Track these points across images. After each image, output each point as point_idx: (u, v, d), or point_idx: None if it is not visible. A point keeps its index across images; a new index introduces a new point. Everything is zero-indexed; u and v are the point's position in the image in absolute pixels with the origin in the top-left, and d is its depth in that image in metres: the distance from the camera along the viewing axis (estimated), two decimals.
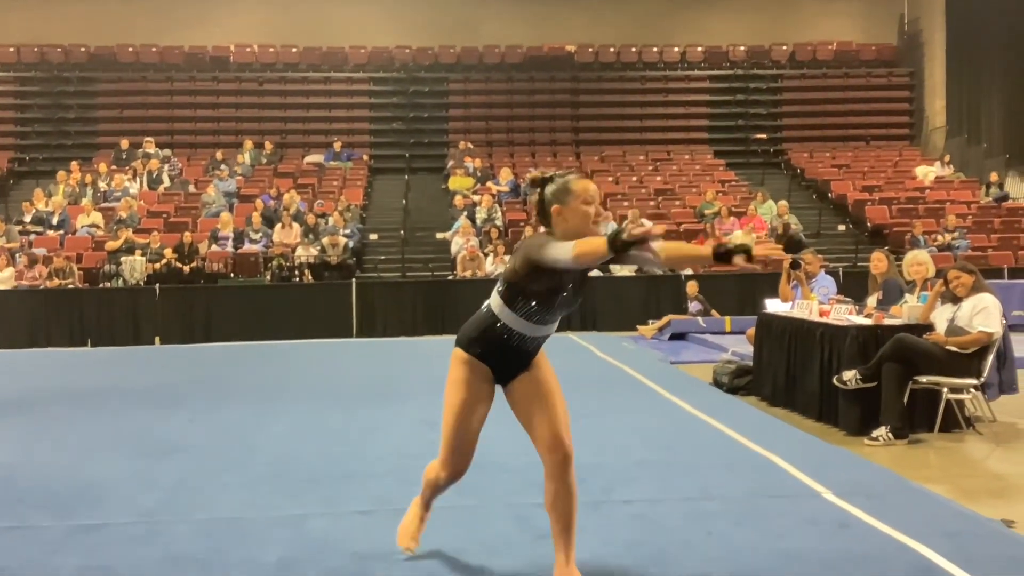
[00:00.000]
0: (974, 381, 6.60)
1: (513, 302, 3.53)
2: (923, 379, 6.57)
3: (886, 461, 5.87)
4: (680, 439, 6.46)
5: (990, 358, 6.63)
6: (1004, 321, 6.81)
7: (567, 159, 22.54)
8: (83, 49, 22.89)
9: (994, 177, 20.08)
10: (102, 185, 19.17)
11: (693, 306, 14.43)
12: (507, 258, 16.18)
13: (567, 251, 3.26)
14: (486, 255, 16.39)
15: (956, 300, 6.72)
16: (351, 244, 16.86)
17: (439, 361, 13.20)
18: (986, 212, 19.05)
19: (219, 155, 20.78)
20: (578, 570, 3.56)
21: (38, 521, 4.69)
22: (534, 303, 3.52)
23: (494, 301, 3.60)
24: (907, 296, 7.43)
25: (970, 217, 18.61)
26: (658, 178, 21.15)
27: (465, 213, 18.08)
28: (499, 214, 18.30)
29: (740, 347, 10.30)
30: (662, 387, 8.70)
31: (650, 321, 14.29)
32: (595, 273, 16.00)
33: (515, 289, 3.52)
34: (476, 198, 18.96)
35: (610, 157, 22.54)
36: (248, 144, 21.36)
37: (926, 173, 20.97)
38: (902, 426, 6.50)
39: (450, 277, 16.32)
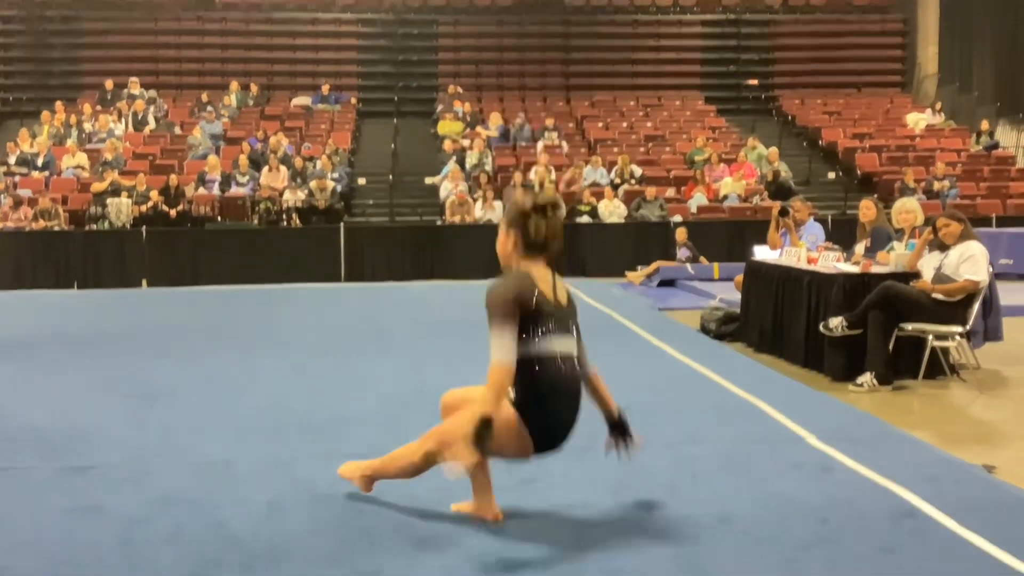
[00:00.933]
0: (959, 329, 6.64)
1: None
2: (909, 326, 6.61)
3: (870, 407, 5.92)
4: (667, 385, 6.51)
5: (976, 306, 6.67)
6: (991, 269, 6.84)
7: (557, 104, 22.37)
8: None
9: (985, 126, 20.03)
10: (87, 126, 18.95)
11: (682, 253, 14.44)
12: (496, 204, 16.15)
13: (492, 365, 3.40)
14: (475, 200, 16.32)
15: (944, 248, 6.73)
16: (339, 188, 16.76)
17: (427, 305, 13.26)
18: (976, 160, 19.04)
19: (205, 97, 20.54)
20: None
21: (26, 462, 4.71)
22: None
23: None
24: (895, 244, 7.44)
25: (959, 165, 18.60)
26: (649, 124, 21.02)
27: (454, 158, 17.96)
28: (489, 159, 18.19)
29: (728, 294, 10.33)
30: (650, 333, 8.73)
31: (639, 267, 14.30)
32: (584, 220, 16.01)
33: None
34: (465, 143, 18.82)
35: (600, 102, 22.37)
36: (234, 86, 21.09)
37: (917, 121, 20.90)
38: (886, 373, 6.55)
39: (439, 222, 16.27)
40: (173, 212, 15.64)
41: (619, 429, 3.79)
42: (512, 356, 3.40)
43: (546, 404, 3.51)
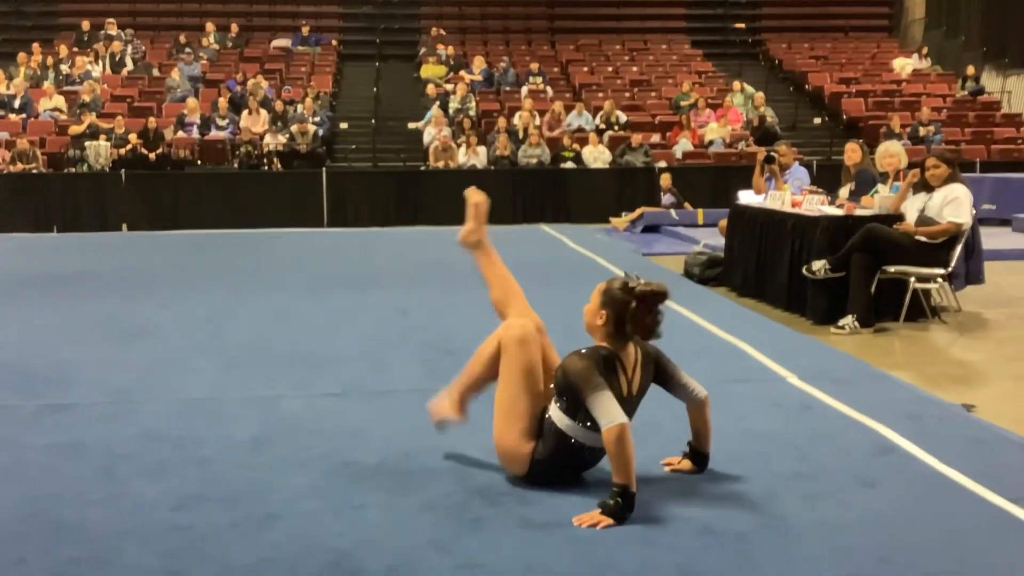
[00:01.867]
0: (941, 271, 6.66)
1: (575, 414, 3.33)
2: (891, 269, 6.63)
3: (851, 349, 5.96)
4: None
5: (958, 248, 6.68)
6: (974, 211, 6.85)
7: (541, 48, 22.12)
8: None
9: (971, 71, 19.95)
10: (64, 68, 18.62)
11: (666, 198, 14.40)
12: (480, 149, 16.02)
13: (607, 435, 3.15)
14: (459, 146, 16.19)
15: (929, 189, 6.73)
16: (321, 132, 16.59)
17: (411, 250, 13.21)
18: (961, 106, 18.99)
19: (183, 38, 20.18)
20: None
21: (7, 401, 4.69)
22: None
23: (557, 417, 3.37)
24: (879, 187, 7.44)
25: (945, 111, 18.56)
26: (634, 68, 20.83)
27: (437, 103, 17.77)
28: (472, 104, 18.01)
29: (712, 239, 10.32)
30: None
31: (623, 213, 14.27)
32: (568, 165, 15.93)
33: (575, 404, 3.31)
34: (449, 87, 18.62)
35: (585, 47, 22.13)
36: (210, 27, 20.72)
37: (903, 66, 20.80)
38: (868, 315, 6.58)
39: (422, 168, 16.14)
40: (152, 155, 15.45)
41: (696, 462, 3.62)
42: (622, 415, 3.15)
43: (554, 473, 3.43)
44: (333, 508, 3.26)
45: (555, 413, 3.38)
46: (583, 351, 3.31)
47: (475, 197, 3.95)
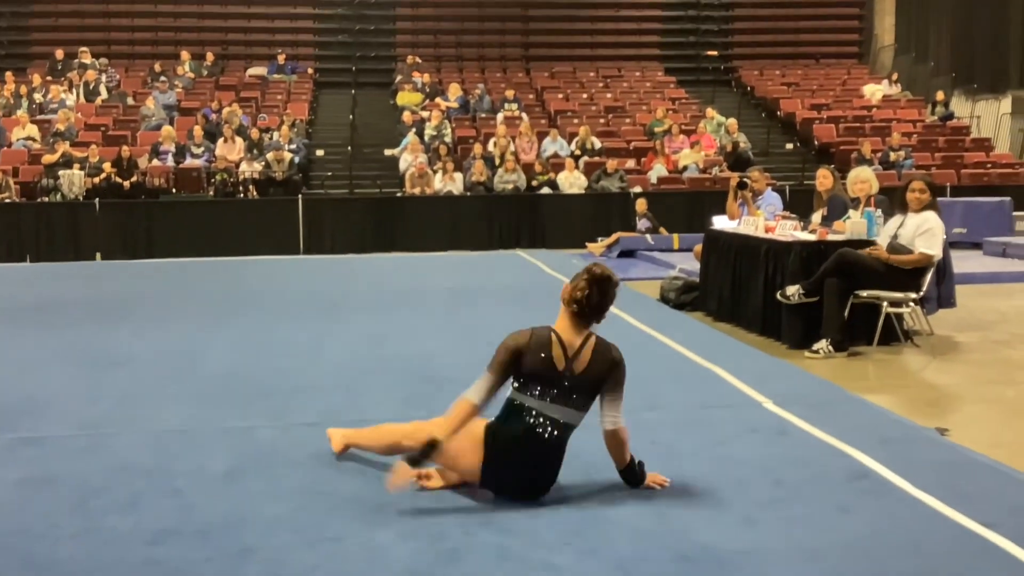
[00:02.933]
0: (914, 295, 6.73)
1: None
2: (864, 293, 6.69)
3: (826, 373, 6.00)
4: (626, 353, 6.46)
5: (930, 274, 6.76)
6: (944, 238, 6.93)
7: (517, 75, 22.26)
8: None
9: (940, 96, 20.26)
10: (37, 97, 18.54)
11: (642, 223, 14.49)
12: (456, 175, 16.06)
13: (459, 399, 3.57)
14: (435, 172, 16.23)
15: (904, 211, 6.80)
16: (297, 160, 16.58)
17: (387, 277, 13.16)
18: (931, 131, 19.26)
19: (158, 67, 20.16)
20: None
21: None
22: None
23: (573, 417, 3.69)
24: (851, 212, 7.51)
25: (915, 136, 18.81)
26: (608, 95, 21.00)
27: (413, 129, 17.82)
28: (448, 130, 18.08)
29: (688, 264, 10.38)
30: None
31: (599, 238, 14.33)
32: (545, 191, 15.99)
33: None
34: (425, 114, 18.68)
35: (560, 73, 22.30)
36: (185, 55, 20.71)
37: (873, 92, 21.08)
38: (842, 339, 6.64)
39: (399, 194, 16.16)
40: (127, 184, 15.39)
41: (629, 479, 3.75)
42: (480, 397, 3.53)
43: (500, 454, 3.57)
44: (308, 540, 3.24)
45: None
46: (530, 329, 3.65)
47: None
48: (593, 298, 3.61)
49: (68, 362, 6.34)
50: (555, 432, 3.60)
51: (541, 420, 3.59)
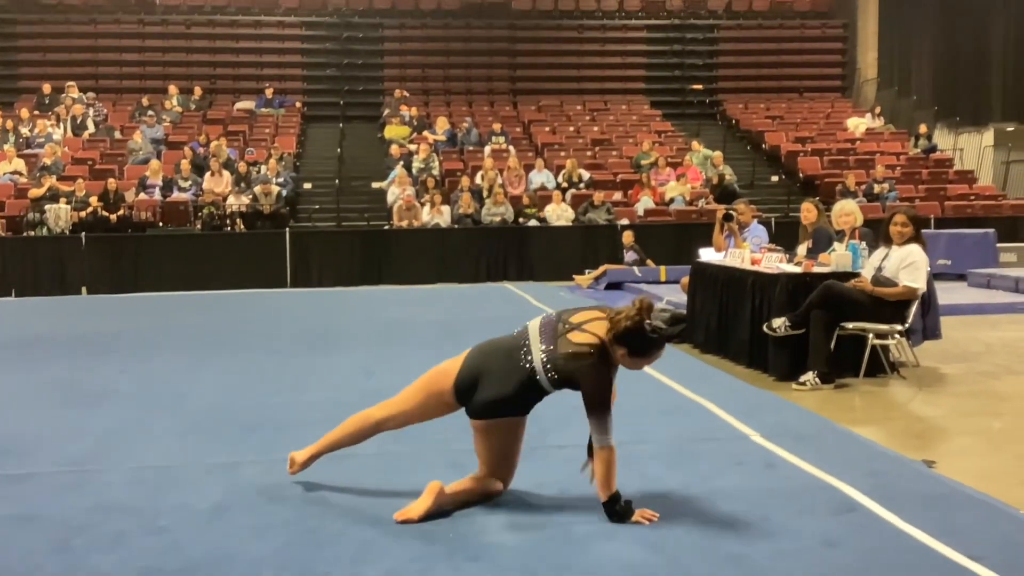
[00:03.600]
0: (899, 327, 6.76)
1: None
2: (849, 325, 6.71)
3: (813, 405, 6.01)
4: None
5: (914, 306, 6.79)
6: (928, 270, 6.97)
7: (504, 108, 22.40)
8: None
9: (923, 129, 20.47)
10: (24, 131, 18.55)
11: (629, 256, 14.54)
12: (444, 208, 16.10)
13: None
14: (422, 205, 16.27)
15: (888, 243, 6.85)
16: (284, 193, 16.60)
17: (375, 310, 13.13)
18: (914, 163, 19.44)
19: (145, 101, 20.22)
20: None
21: None
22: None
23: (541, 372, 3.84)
24: (836, 245, 7.56)
25: (899, 168, 18.98)
26: (595, 128, 21.15)
27: (401, 162, 17.89)
28: (436, 163, 18.15)
29: (675, 296, 10.40)
30: None
31: (587, 270, 14.37)
32: (532, 223, 16.04)
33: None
34: (412, 147, 18.76)
35: (547, 107, 22.46)
36: (173, 90, 20.78)
37: (857, 125, 21.30)
38: (829, 371, 6.65)
39: (386, 227, 16.19)
40: (113, 217, 15.37)
41: (607, 513, 3.76)
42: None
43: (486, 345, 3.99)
44: None
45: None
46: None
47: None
48: (635, 334, 3.81)
49: (52, 398, 6.30)
50: (526, 363, 3.82)
51: (525, 346, 3.86)
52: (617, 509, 3.71)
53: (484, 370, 3.88)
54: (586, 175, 17.78)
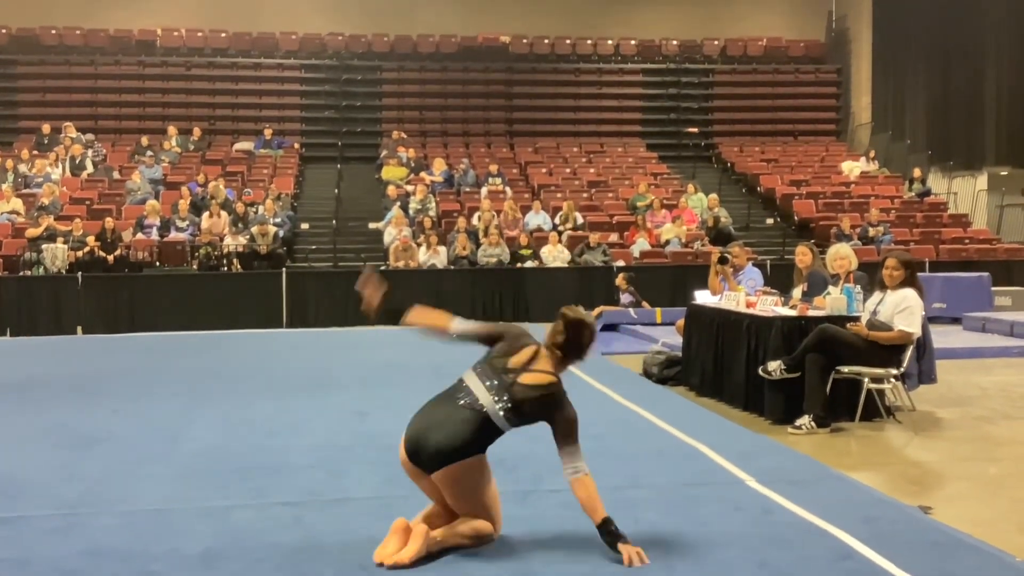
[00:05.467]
0: (894, 371, 6.76)
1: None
2: (845, 369, 6.72)
3: (809, 449, 6.00)
4: (610, 429, 6.52)
5: (910, 349, 6.80)
6: (924, 314, 6.99)
7: (501, 150, 22.55)
8: (4, 31, 22.16)
9: (917, 173, 20.61)
10: (23, 170, 18.62)
11: (624, 298, 14.56)
12: (440, 249, 16.13)
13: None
14: (419, 245, 16.32)
15: (883, 288, 6.87)
16: (281, 233, 16.65)
17: (370, 351, 13.06)
18: (909, 207, 19.55)
19: (144, 141, 20.33)
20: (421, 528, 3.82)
21: None
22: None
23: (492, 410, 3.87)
24: (831, 288, 7.58)
25: (893, 211, 19.08)
26: (591, 170, 21.27)
27: (398, 203, 17.96)
28: (433, 204, 18.23)
29: (670, 338, 10.42)
30: (592, 377, 8.75)
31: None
32: (529, 264, 16.08)
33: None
34: (409, 188, 18.85)
35: (544, 149, 22.60)
36: (172, 130, 20.89)
37: (851, 168, 21.44)
38: (824, 415, 6.64)
39: (383, 267, 16.21)
40: (110, 258, 15.39)
41: (603, 538, 3.85)
42: (458, 325, 4.23)
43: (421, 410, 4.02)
44: None
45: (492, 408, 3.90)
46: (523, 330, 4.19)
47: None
48: (569, 341, 3.99)
49: (45, 440, 6.27)
50: (468, 404, 3.86)
51: (464, 389, 3.93)
52: (612, 530, 3.80)
53: (426, 426, 3.90)
54: (581, 218, 17.85)
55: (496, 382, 3.89)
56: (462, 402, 3.89)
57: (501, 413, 3.85)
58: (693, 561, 3.77)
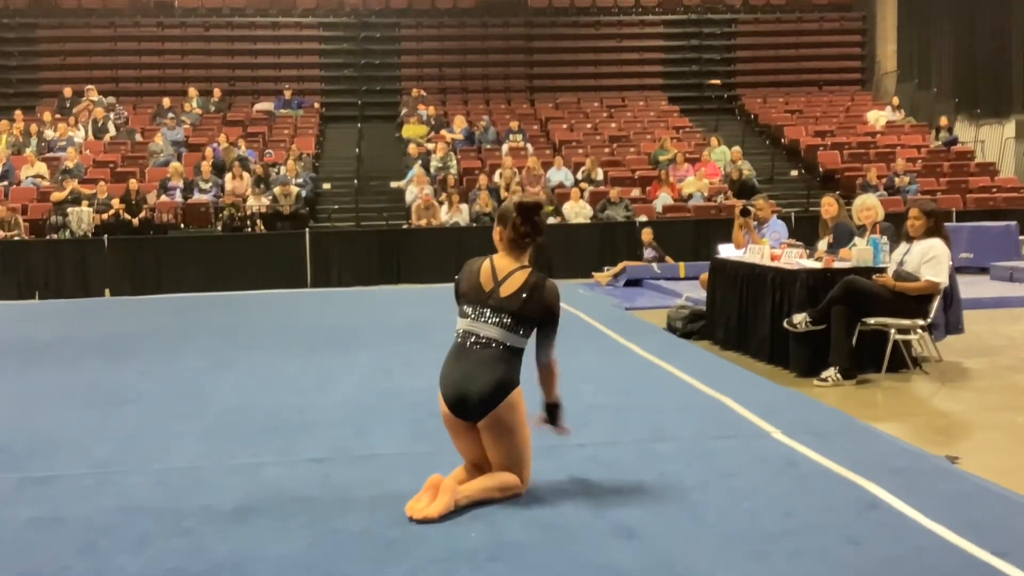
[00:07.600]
0: (921, 322, 6.72)
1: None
2: (871, 321, 6.68)
3: (834, 401, 5.98)
4: (634, 383, 6.54)
5: (937, 300, 6.75)
6: (951, 264, 6.92)
7: (521, 106, 22.40)
8: None
9: (943, 121, 20.32)
10: (47, 134, 18.71)
11: (648, 253, 14.50)
12: (463, 207, 16.12)
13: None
14: (441, 204, 16.30)
15: (909, 239, 6.81)
16: (304, 193, 16.67)
17: (394, 309, 13.15)
18: (935, 156, 19.30)
19: (166, 103, 20.35)
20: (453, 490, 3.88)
21: None
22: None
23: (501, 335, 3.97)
24: (857, 240, 7.51)
25: (920, 161, 18.84)
26: (613, 124, 21.11)
27: (419, 162, 17.92)
28: (454, 162, 18.17)
29: (694, 292, 10.39)
30: (617, 333, 8.77)
31: (605, 268, 14.35)
32: (551, 220, 16.04)
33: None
34: (430, 146, 18.79)
35: (565, 104, 22.43)
36: (192, 92, 20.89)
37: (877, 118, 21.15)
38: (850, 367, 6.62)
39: (405, 226, 16.23)
40: (135, 220, 15.49)
41: (548, 414, 4.17)
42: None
43: (443, 372, 4.06)
44: None
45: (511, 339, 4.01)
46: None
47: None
48: (520, 224, 4.02)
49: (77, 400, 6.36)
50: (482, 345, 3.95)
51: (471, 337, 3.98)
52: (558, 413, 4.15)
53: (461, 377, 3.95)
54: (602, 173, 17.74)
55: (486, 310, 3.97)
56: (476, 348, 3.97)
57: (510, 331, 3.95)
58: (718, 512, 3.79)
